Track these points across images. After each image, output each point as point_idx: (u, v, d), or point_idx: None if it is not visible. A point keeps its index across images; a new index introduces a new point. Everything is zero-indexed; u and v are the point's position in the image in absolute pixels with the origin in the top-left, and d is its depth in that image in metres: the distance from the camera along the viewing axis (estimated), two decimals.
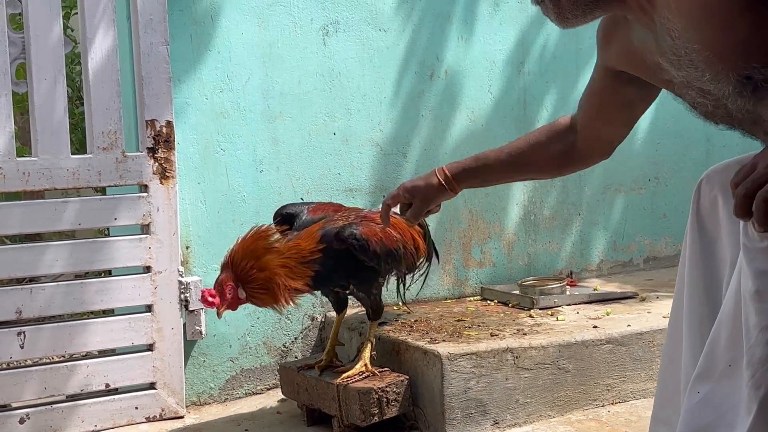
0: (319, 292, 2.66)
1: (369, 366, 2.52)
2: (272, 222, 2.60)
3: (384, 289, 2.64)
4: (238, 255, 2.40)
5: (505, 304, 3.09)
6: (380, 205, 2.19)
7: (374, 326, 2.60)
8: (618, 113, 1.85)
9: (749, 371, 1.29)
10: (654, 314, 2.87)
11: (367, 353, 2.53)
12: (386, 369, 2.54)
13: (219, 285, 2.38)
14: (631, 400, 2.69)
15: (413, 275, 2.78)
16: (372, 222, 2.53)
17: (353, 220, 2.53)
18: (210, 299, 2.36)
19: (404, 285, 2.79)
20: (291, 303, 2.44)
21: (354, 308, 3.06)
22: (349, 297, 2.68)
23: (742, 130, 1.49)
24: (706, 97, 1.40)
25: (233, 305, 2.40)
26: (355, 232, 2.45)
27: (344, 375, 2.48)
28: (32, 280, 2.79)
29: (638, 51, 1.52)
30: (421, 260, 2.73)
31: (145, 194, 2.70)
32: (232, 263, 2.40)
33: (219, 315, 2.39)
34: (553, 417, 2.59)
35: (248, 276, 2.39)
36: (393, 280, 2.74)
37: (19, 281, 2.81)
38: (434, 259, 2.85)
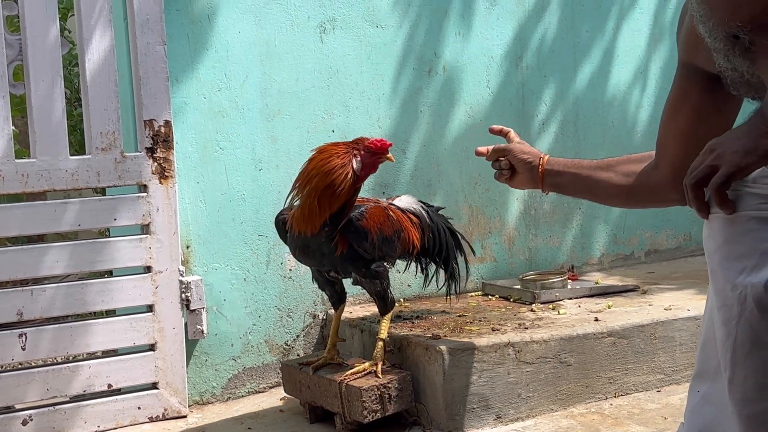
0: (317, 284, 2.64)
1: (379, 367, 2.48)
2: (276, 230, 2.58)
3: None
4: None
5: (507, 299, 3.09)
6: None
7: (386, 323, 2.53)
8: (686, 121, 1.68)
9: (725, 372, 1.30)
10: (655, 307, 2.87)
11: (379, 353, 2.50)
12: (388, 365, 2.54)
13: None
14: (634, 393, 2.69)
15: (451, 271, 2.75)
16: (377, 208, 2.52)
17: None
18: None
19: (456, 282, 2.76)
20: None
21: (355, 305, 3.06)
22: (350, 289, 2.67)
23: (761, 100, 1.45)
24: (722, 57, 1.38)
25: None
26: (357, 215, 2.42)
27: (348, 372, 2.48)
28: (35, 281, 2.78)
29: (690, 26, 1.48)
30: (414, 250, 2.65)
31: (144, 194, 2.70)
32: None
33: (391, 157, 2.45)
34: (556, 411, 2.59)
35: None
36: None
37: (22, 283, 2.81)
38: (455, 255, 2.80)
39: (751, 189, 1.25)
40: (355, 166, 2.38)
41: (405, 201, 2.71)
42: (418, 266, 2.74)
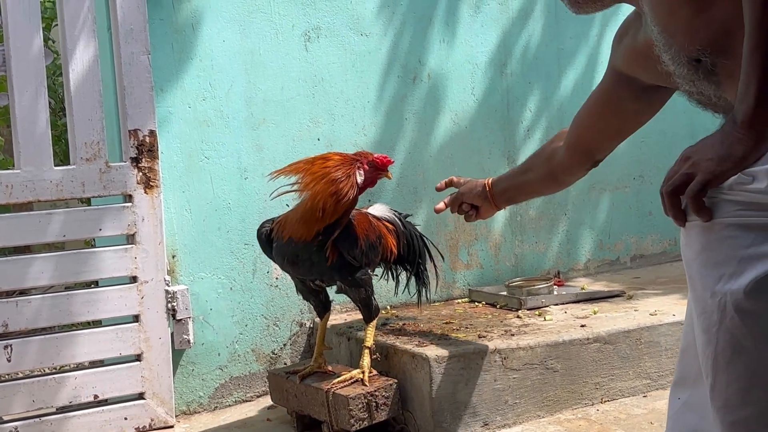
0: (301, 296, 2.64)
1: (366, 375, 2.47)
2: (259, 243, 2.56)
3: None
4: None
5: (493, 305, 3.10)
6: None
7: (371, 330, 2.52)
8: (610, 119, 1.91)
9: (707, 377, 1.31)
10: (641, 312, 2.88)
11: (366, 361, 2.50)
12: (375, 373, 2.54)
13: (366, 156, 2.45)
14: (620, 398, 2.69)
15: (420, 278, 2.76)
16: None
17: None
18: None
19: (426, 289, 2.76)
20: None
21: (342, 313, 3.06)
22: (334, 300, 2.67)
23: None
24: (687, 82, 1.42)
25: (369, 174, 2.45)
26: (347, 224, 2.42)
27: (336, 380, 2.48)
28: (21, 292, 2.77)
29: (645, 46, 1.53)
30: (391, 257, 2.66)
31: (129, 204, 2.69)
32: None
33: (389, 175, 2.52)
34: (543, 417, 2.59)
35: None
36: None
37: (7, 294, 2.80)
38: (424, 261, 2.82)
39: (727, 196, 1.26)
40: (358, 179, 2.38)
41: (379, 209, 2.72)
42: (389, 274, 2.73)
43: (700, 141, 1.26)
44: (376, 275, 2.65)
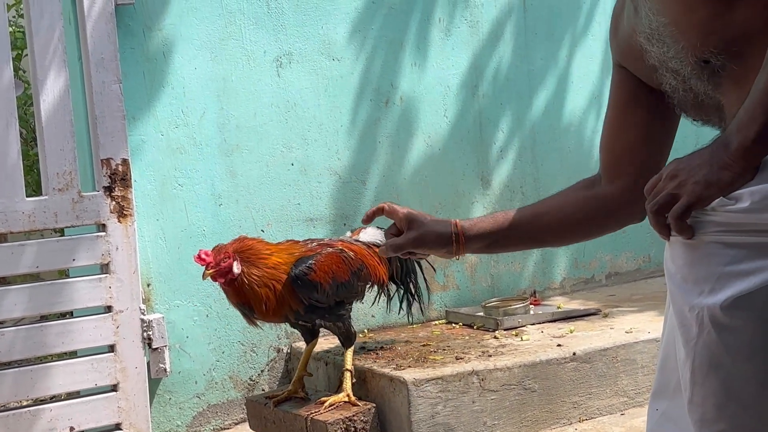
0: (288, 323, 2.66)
1: (351, 396, 2.51)
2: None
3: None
4: (251, 241, 2.43)
5: (470, 326, 3.10)
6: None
7: (350, 354, 2.58)
8: (643, 126, 1.57)
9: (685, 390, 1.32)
10: (617, 330, 2.89)
11: (348, 383, 2.53)
12: (354, 397, 2.53)
13: (218, 249, 2.37)
14: (598, 417, 2.70)
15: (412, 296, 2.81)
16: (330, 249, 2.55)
17: (313, 249, 2.53)
18: (203, 256, 2.35)
19: (419, 302, 2.84)
20: (269, 317, 2.46)
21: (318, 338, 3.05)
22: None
23: (709, 121, 1.47)
24: (677, 79, 1.40)
25: (223, 274, 2.37)
26: (305, 270, 2.47)
27: (326, 404, 2.48)
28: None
29: (630, 36, 1.44)
30: (383, 284, 2.72)
31: (103, 233, 2.68)
32: (242, 241, 2.42)
33: (204, 276, 2.36)
34: None
35: (256, 258, 2.40)
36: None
37: None
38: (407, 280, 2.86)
39: (710, 217, 1.28)
40: (235, 270, 2.40)
41: (370, 234, 2.75)
42: (384, 293, 2.77)
43: (687, 157, 1.27)
44: (360, 301, 2.70)
